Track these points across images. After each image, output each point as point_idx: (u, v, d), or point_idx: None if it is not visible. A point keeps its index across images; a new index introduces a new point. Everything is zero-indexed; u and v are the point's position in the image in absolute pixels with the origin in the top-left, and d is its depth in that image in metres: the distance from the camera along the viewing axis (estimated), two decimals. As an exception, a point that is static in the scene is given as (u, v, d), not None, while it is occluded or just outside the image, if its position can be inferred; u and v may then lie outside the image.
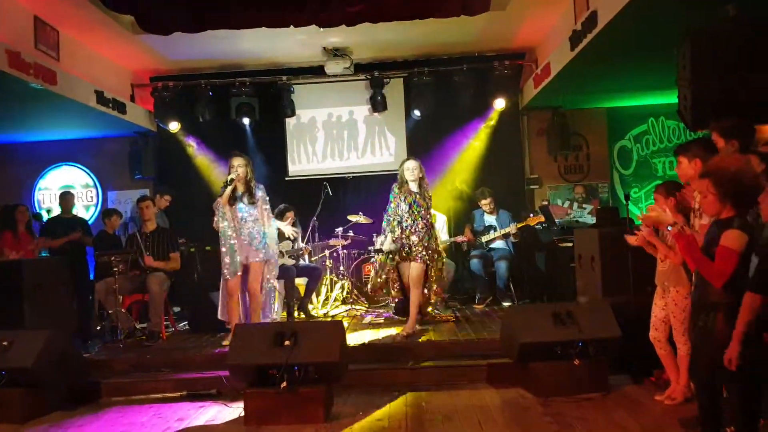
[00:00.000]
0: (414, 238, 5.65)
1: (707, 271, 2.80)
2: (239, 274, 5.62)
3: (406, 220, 5.67)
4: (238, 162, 5.65)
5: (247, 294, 5.74)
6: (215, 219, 5.69)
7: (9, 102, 6.45)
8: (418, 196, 5.74)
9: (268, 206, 5.82)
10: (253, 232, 5.66)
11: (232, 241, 5.60)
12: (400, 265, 5.80)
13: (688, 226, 3.50)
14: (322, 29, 6.73)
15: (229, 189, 5.57)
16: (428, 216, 5.77)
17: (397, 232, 5.68)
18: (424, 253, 5.62)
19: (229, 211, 5.61)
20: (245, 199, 5.65)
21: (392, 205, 5.77)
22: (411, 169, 5.74)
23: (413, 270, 5.65)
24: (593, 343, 4.39)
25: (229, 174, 5.64)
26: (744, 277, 2.71)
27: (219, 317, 5.78)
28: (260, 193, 5.75)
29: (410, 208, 5.69)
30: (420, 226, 5.67)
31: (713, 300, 2.80)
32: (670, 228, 3.46)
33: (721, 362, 2.68)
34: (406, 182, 5.76)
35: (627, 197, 5.30)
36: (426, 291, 5.81)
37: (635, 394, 4.37)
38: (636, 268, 4.61)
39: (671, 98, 4.66)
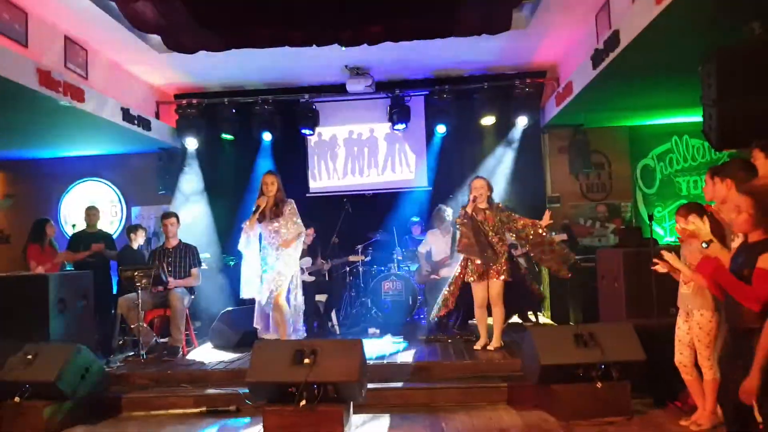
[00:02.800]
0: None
1: (744, 294, 2.72)
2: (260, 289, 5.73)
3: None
4: (269, 179, 5.85)
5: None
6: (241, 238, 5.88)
7: (38, 119, 6.61)
8: (488, 212, 5.79)
9: (297, 220, 5.89)
10: (277, 246, 5.77)
11: (255, 258, 5.79)
12: (475, 284, 5.76)
13: (726, 247, 3.41)
14: (344, 48, 6.81)
15: (256, 213, 5.78)
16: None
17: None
18: (505, 269, 5.65)
19: (256, 229, 5.82)
20: (272, 215, 5.80)
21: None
22: (477, 188, 5.80)
23: (494, 288, 5.67)
24: (616, 365, 4.30)
25: (260, 190, 5.84)
26: None
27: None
28: (288, 207, 5.85)
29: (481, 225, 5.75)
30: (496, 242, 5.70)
31: (748, 326, 2.74)
32: (705, 245, 3.34)
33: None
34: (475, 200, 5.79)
35: (651, 217, 5.23)
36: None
37: (659, 419, 4.27)
38: (660, 290, 4.54)
39: (695, 117, 4.62)
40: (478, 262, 5.65)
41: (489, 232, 5.71)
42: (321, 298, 7.38)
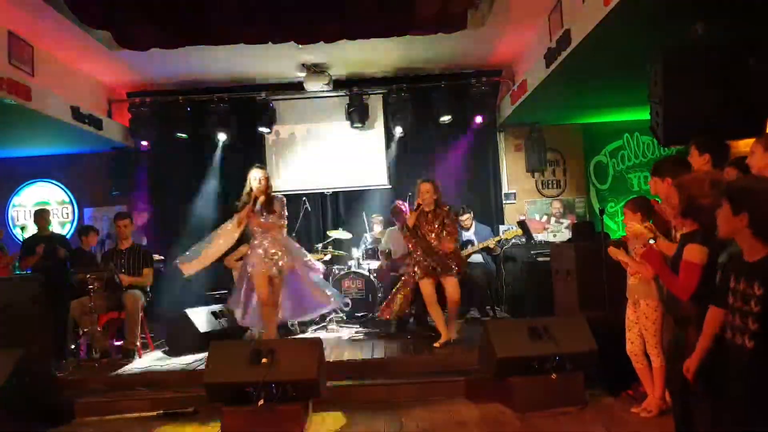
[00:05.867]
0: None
1: (672, 285, 2.88)
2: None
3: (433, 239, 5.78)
4: (260, 174, 5.57)
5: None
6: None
7: (-18, 118, 6.38)
8: (430, 216, 5.84)
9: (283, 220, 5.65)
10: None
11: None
12: (422, 281, 5.81)
13: (670, 240, 3.57)
14: (300, 46, 6.77)
15: (250, 202, 5.52)
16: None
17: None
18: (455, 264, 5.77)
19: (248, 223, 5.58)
20: (264, 211, 5.56)
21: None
22: (422, 192, 5.86)
23: (449, 284, 5.71)
24: (569, 357, 4.41)
25: (245, 187, 5.58)
26: (709, 291, 2.76)
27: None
28: (279, 204, 5.60)
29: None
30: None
31: (684, 314, 2.86)
32: (652, 241, 3.53)
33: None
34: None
35: (602, 212, 5.40)
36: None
37: (612, 408, 4.39)
38: (611, 282, 4.66)
39: (645, 115, 4.75)
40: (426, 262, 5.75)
41: (429, 233, 5.77)
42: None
